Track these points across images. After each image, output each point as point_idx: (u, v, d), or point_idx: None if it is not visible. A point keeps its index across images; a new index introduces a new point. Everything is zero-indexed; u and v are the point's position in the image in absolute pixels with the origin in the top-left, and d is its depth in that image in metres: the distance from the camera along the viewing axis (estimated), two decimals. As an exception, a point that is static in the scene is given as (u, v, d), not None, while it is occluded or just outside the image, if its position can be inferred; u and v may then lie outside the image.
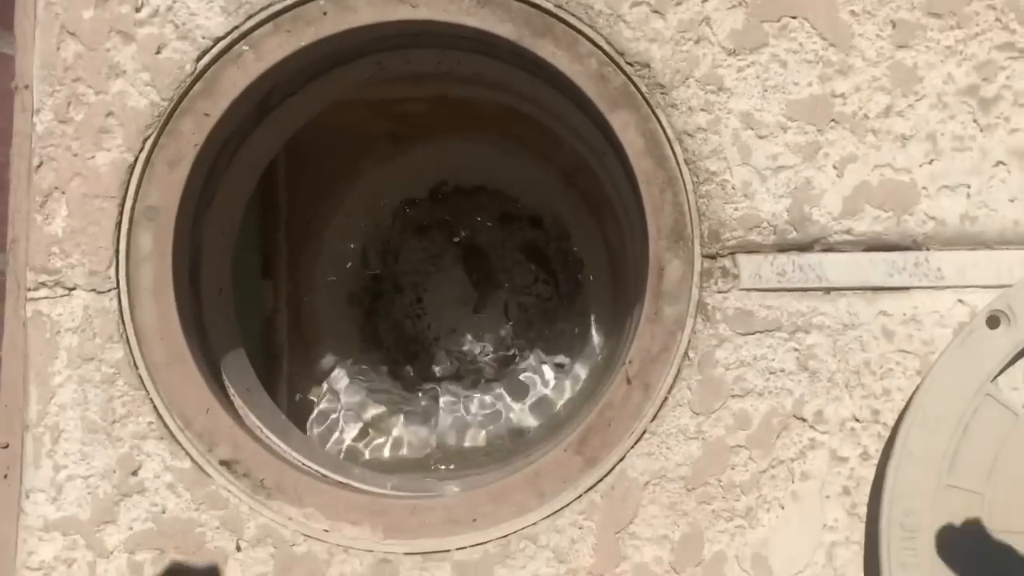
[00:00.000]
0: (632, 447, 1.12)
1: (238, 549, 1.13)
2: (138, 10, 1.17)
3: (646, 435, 1.12)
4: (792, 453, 1.11)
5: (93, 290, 1.17)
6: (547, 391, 1.87)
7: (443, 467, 1.78)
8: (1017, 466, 1.03)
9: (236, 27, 1.17)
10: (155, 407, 1.16)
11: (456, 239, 1.95)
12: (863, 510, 1.09)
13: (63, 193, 1.18)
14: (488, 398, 1.87)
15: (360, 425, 1.86)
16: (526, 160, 1.84)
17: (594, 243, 1.87)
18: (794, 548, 1.10)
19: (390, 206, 1.95)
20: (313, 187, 1.88)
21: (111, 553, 1.14)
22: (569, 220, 1.90)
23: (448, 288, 1.94)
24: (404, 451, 1.85)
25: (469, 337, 1.92)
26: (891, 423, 1.10)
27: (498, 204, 1.93)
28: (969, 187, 1.11)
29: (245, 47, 1.18)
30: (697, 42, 1.13)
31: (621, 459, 1.12)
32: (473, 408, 1.87)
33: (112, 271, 1.17)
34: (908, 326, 1.11)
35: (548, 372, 1.88)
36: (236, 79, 1.18)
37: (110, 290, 1.17)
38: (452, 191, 1.94)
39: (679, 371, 1.12)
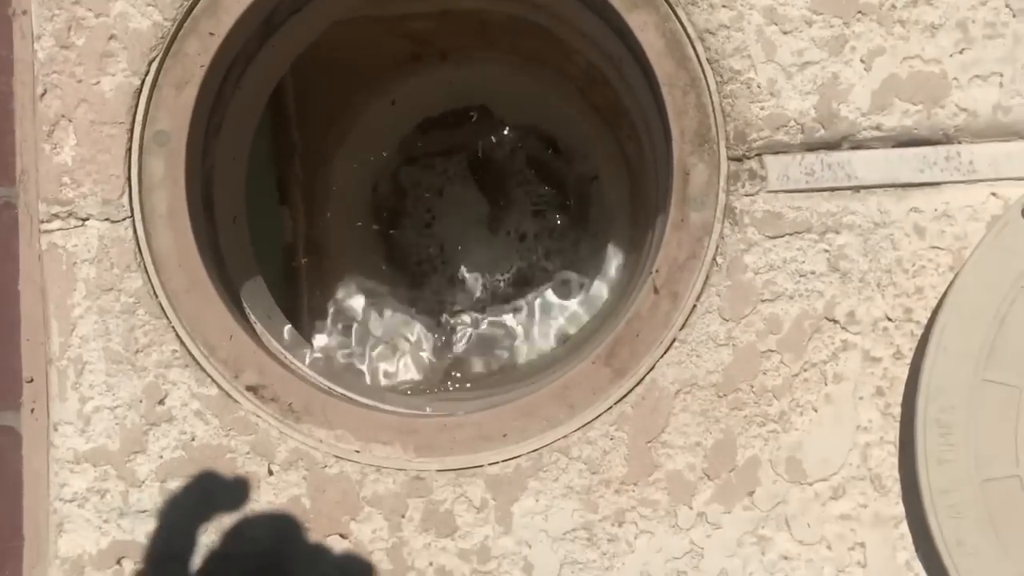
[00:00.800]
0: (662, 356, 1.11)
1: (270, 473, 1.13)
2: (134, -74, 1.13)
3: (676, 344, 1.11)
4: (824, 355, 1.09)
5: (107, 219, 1.15)
6: (566, 310, 1.86)
7: (463, 387, 1.78)
8: (1055, 358, 1.01)
9: (237, -60, 1.13)
10: (178, 335, 1.14)
11: (469, 157, 1.91)
12: (897, 410, 1.09)
13: (70, 121, 1.15)
14: (507, 318, 1.86)
15: (379, 348, 1.85)
16: (538, 76, 1.79)
17: (611, 156, 1.84)
18: (828, 450, 1.09)
19: (401, 128, 1.91)
20: (322, 112, 1.84)
21: (143, 482, 1.14)
22: (585, 134, 1.86)
23: (464, 208, 1.91)
24: (424, 374, 1.85)
25: (487, 257, 1.90)
26: (924, 321, 1.08)
27: (512, 122, 1.89)
28: (1002, 76, 1.07)
29: (247, -39, 1.14)
30: (717, -65, 1.08)
31: (651, 369, 1.11)
32: (495, 328, 1.86)
33: (125, 199, 1.15)
34: (940, 222, 1.08)
35: (566, 290, 1.87)
36: (239, -5, 1.14)
37: (125, 219, 1.15)
38: (464, 109, 1.90)
39: (708, 278, 1.10)
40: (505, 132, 1.90)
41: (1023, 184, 1.07)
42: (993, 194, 1.08)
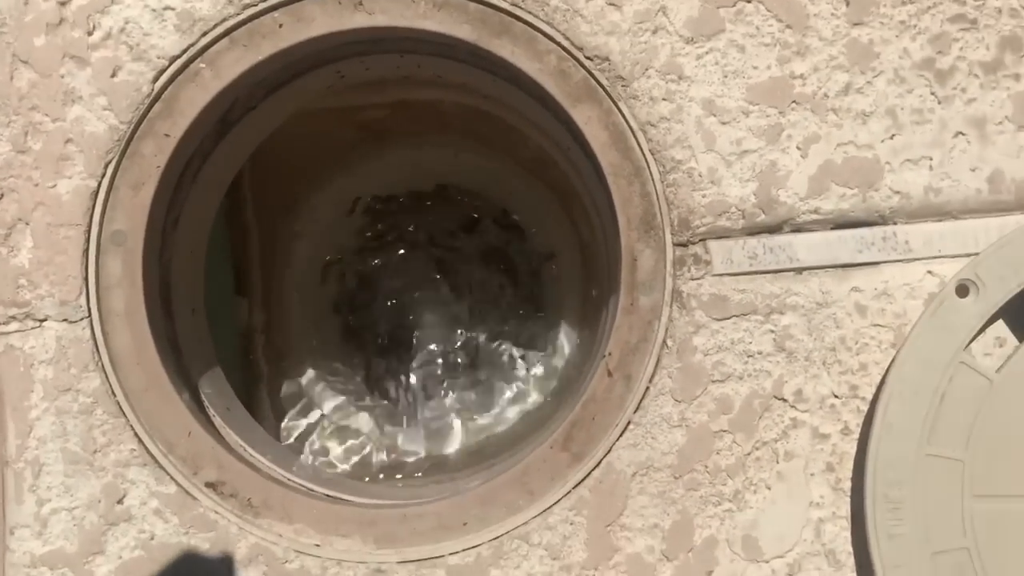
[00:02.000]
0: (618, 439, 1.13)
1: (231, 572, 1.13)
2: (90, 33, 1.16)
3: (631, 426, 1.13)
4: (775, 434, 1.12)
5: (65, 320, 1.15)
6: (523, 386, 1.87)
7: (422, 473, 1.78)
8: (994, 431, 1.04)
9: (191, 44, 1.16)
10: (136, 434, 1.15)
11: (425, 240, 1.94)
12: (848, 485, 1.11)
13: (27, 224, 1.16)
14: (464, 397, 1.87)
15: (339, 434, 1.85)
16: (492, 158, 1.84)
17: (564, 234, 1.88)
18: (783, 527, 1.11)
19: (358, 212, 1.94)
20: (279, 199, 1.87)
21: (102, 583, 1.13)
22: (538, 213, 1.90)
23: (420, 289, 1.93)
24: (384, 457, 1.85)
25: (443, 336, 1.92)
26: (869, 397, 1.11)
27: (467, 202, 1.93)
28: (931, 159, 1.12)
29: (202, 64, 1.17)
30: (654, 32, 1.13)
31: (607, 452, 1.13)
32: (450, 410, 1.87)
33: (83, 299, 1.16)
34: (880, 300, 1.12)
35: (523, 366, 1.88)
36: (195, 97, 1.17)
37: (82, 319, 1.15)
38: (419, 193, 1.93)
39: (659, 360, 1.13)
40: (461, 213, 1.93)
41: (957, 261, 1.11)
42: (929, 272, 1.12)
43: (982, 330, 1.07)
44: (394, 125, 1.78)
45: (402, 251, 1.93)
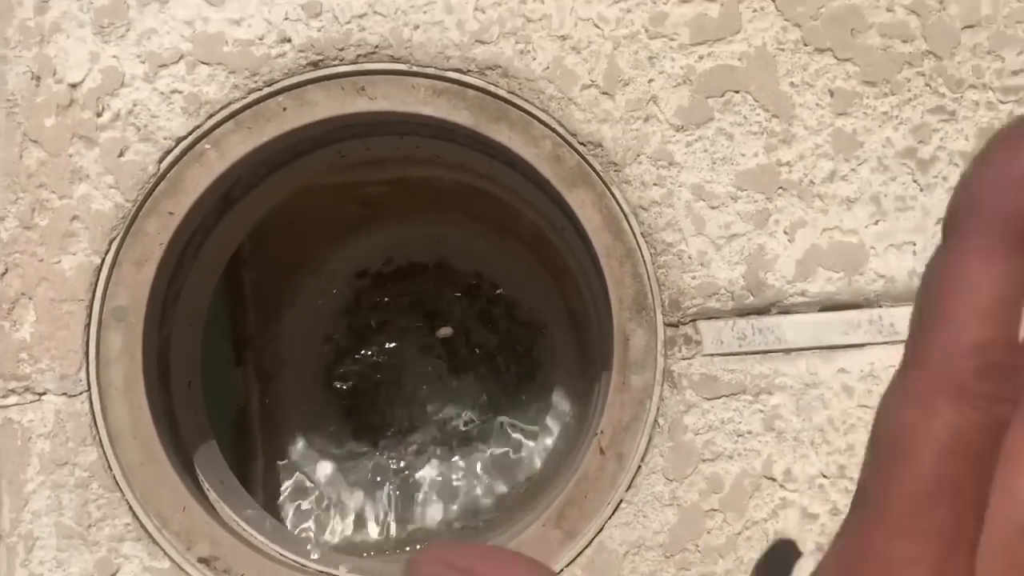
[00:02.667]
0: (610, 518, 1.14)
1: (221, 647, 1.12)
2: (99, 115, 1.20)
3: (623, 504, 1.14)
4: (765, 513, 1.13)
5: (64, 394, 1.17)
6: (518, 459, 1.88)
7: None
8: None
9: (198, 126, 1.20)
10: (131, 508, 1.15)
11: (423, 314, 1.97)
12: (838, 565, 1.12)
13: (30, 299, 1.18)
14: (461, 472, 1.88)
15: (333, 509, 1.85)
16: (487, 235, 1.88)
17: (557, 310, 1.91)
18: (774, 607, 1.11)
19: (356, 286, 1.97)
20: (278, 272, 1.89)
21: (91, 660, 1.13)
22: (532, 289, 1.93)
23: (418, 364, 1.95)
24: (380, 532, 1.85)
25: (442, 412, 1.93)
26: (856, 477, 1.12)
27: (463, 278, 1.96)
28: (915, 244, 1.16)
29: (207, 145, 1.20)
30: (646, 120, 1.17)
31: (600, 530, 1.14)
32: (449, 482, 1.87)
33: (82, 373, 1.17)
34: (866, 381, 1.14)
35: (518, 440, 1.89)
36: (199, 177, 1.20)
37: (81, 393, 1.17)
38: (417, 267, 1.97)
39: (650, 439, 1.15)
40: (457, 288, 1.96)
41: (941, 344, 1.14)
42: (914, 354, 1.14)
43: (967, 412, 1.09)
44: (393, 201, 1.82)
45: (398, 325, 1.96)
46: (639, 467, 1.14)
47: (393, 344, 1.95)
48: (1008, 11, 1.16)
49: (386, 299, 1.95)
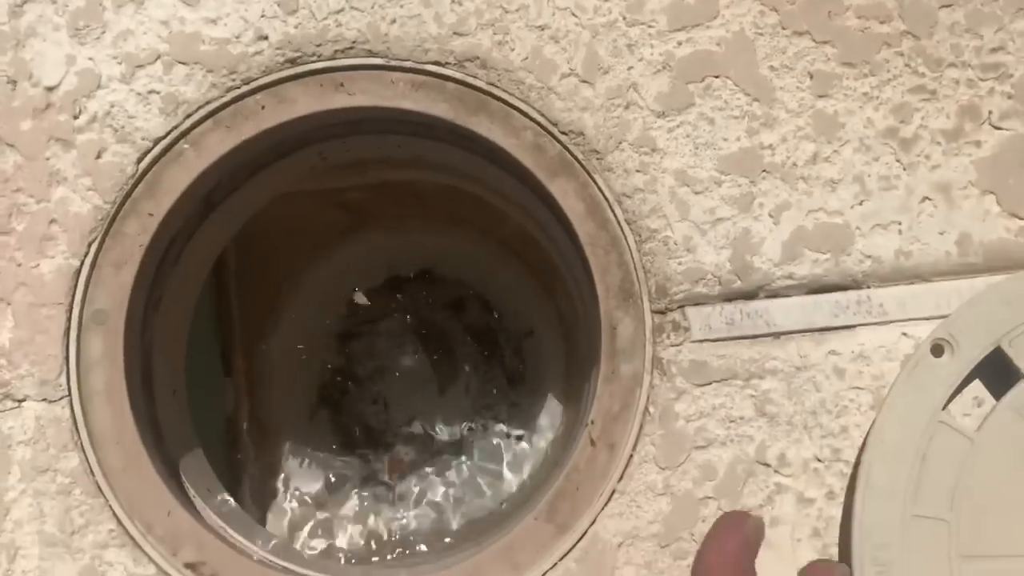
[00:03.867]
0: (602, 509, 1.12)
1: (209, 653, 1.10)
2: (76, 117, 1.18)
3: (615, 495, 1.12)
4: (760, 499, 1.11)
5: (44, 399, 1.15)
6: (509, 464, 1.87)
7: (409, 552, 1.75)
8: (976, 490, 1.04)
9: (176, 126, 1.19)
10: (115, 514, 1.13)
11: (410, 323, 1.95)
12: (835, 550, 1.10)
13: (8, 304, 1.17)
14: (452, 478, 1.86)
15: (324, 517, 1.83)
16: (472, 238, 1.87)
17: (545, 311, 1.89)
18: (772, 595, 1.09)
19: (343, 295, 1.96)
20: (264, 283, 1.88)
21: (76, 672, 1.10)
22: (518, 291, 1.92)
23: (406, 373, 1.94)
24: (370, 541, 1.82)
25: (431, 420, 1.92)
26: (852, 459, 1.11)
27: (449, 284, 1.95)
28: (900, 224, 1.15)
29: (186, 145, 1.19)
30: (627, 107, 1.17)
31: (592, 522, 1.12)
32: (438, 490, 1.85)
33: (63, 378, 1.15)
34: (857, 363, 1.13)
35: (509, 445, 1.88)
36: (178, 177, 1.19)
37: (61, 398, 1.15)
38: (403, 275, 1.96)
39: (641, 427, 1.13)
40: (444, 294, 1.95)
41: (930, 323, 1.13)
42: (904, 334, 1.13)
43: (959, 390, 1.07)
44: (375, 207, 1.81)
45: (386, 332, 1.94)
46: (631, 457, 1.13)
47: (382, 354, 1.94)
48: (984, -11, 1.16)
49: (374, 308, 1.94)
